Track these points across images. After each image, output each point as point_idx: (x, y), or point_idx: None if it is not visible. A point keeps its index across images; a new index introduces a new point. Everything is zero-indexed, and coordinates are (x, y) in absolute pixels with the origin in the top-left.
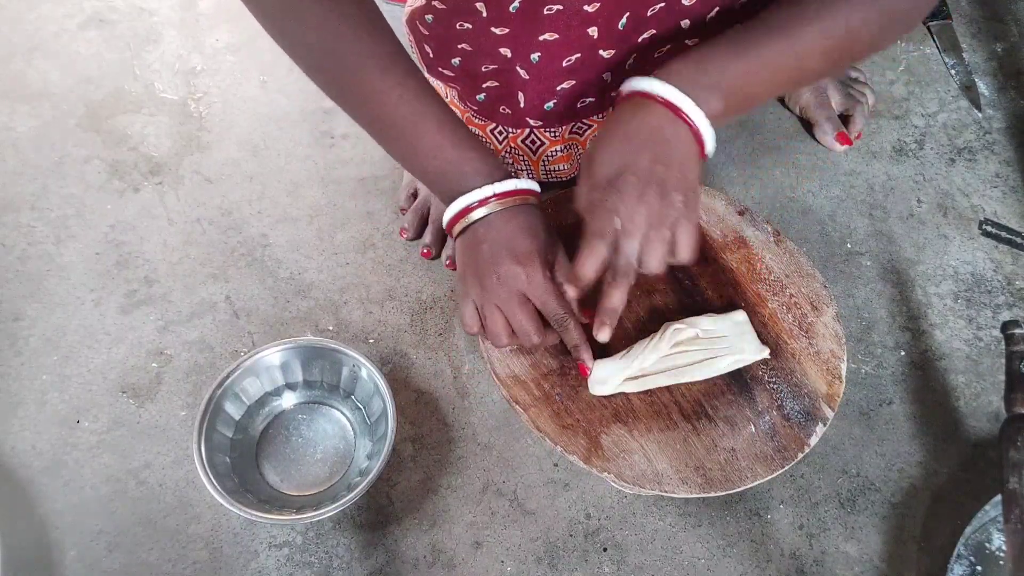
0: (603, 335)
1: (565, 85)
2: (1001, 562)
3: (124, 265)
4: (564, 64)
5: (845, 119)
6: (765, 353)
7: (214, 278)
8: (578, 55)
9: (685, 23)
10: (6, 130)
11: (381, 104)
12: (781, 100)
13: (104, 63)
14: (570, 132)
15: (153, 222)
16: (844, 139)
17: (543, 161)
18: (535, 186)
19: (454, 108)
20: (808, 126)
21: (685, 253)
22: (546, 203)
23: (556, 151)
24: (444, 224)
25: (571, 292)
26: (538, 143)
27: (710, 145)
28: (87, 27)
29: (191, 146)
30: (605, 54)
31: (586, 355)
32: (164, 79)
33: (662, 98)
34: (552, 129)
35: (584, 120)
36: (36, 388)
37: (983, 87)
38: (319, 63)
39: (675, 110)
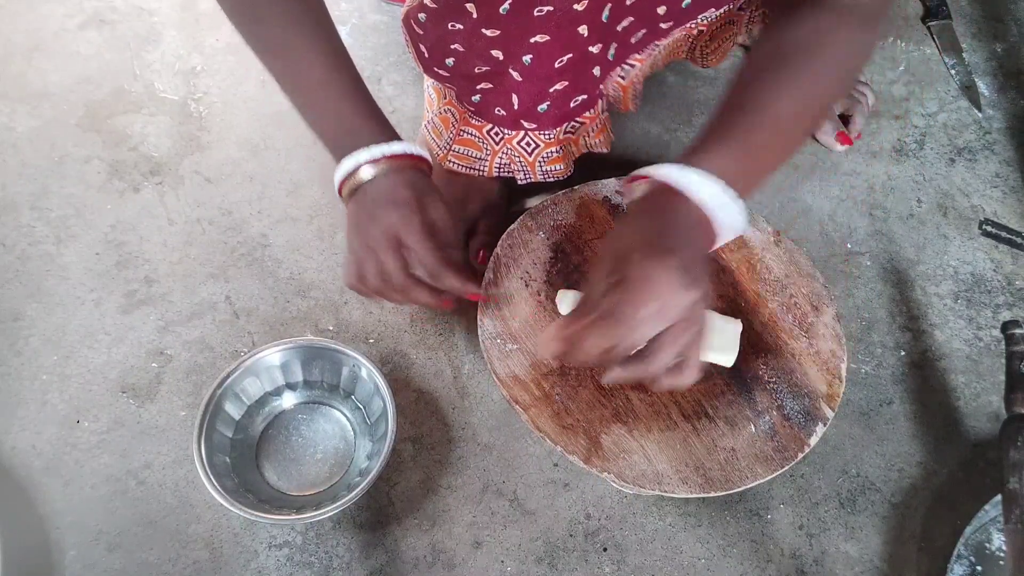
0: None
1: (558, 86)
2: (1001, 562)
3: (124, 265)
4: (556, 66)
5: (845, 119)
6: (727, 362)
7: (214, 278)
8: (570, 55)
9: (662, 9)
10: (6, 130)
11: (297, 62)
12: None
13: (104, 63)
14: (564, 132)
15: (153, 222)
16: (844, 139)
17: (539, 162)
18: (426, 154)
19: (453, 108)
20: None
21: (693, 362)
22: (546, 204)
23: (551, 152)
24: (335, 186)
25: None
26: (533, 145)
27: (719, 229)
28: (87, 27)
29: (191, 146)
30: (593, 49)
31: (472, 288)
32: (164, 79)
33: (687, 192)
34: (546, 131)
35: (577, 119)
36: (36, 388)
37: (983, 87)
38: (254, 10)
39: (696, 202)
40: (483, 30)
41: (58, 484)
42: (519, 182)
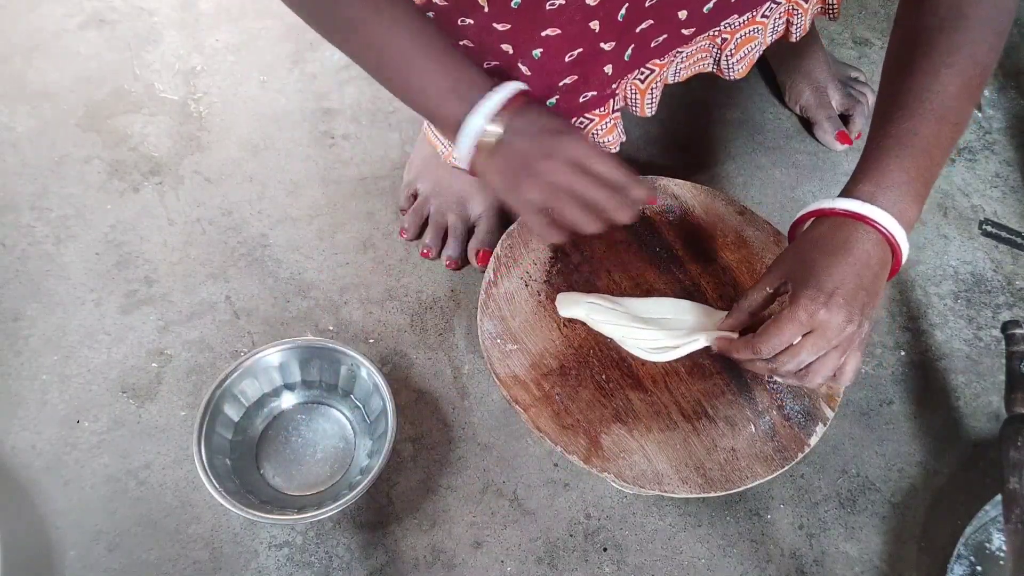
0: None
1: (567, 80)
2: (1001, 562)
3: (124, 265)
4: (566, 59)
5: (845, 118)
6: (708, 341)
7: (214, 278)
8: (580, 49)
9: (683, 14)
10: (6, 130)
11: (374, 29)
12: (781, 99)
13: (104, 63)
14: None
15: (153, 222)
16: (844, 138)
17: None
18: (525, 86)
19: None
20: (808, 125)
21: (847, 379)
22: None
23: None
24: (465, 152)
25: (732, 325)
26: None
27: (904, 259)
28: (87, 27)
29: (191, 146)
30: (606, 47)
31: (651, 193)
32: (164, 79)
33: (878, 224)
34: None
35: (586, 115)
36: (36, 388)
37: None
38: None
39: (885, 236)
40: (494, 24)
41: (58, 484)
42: None
